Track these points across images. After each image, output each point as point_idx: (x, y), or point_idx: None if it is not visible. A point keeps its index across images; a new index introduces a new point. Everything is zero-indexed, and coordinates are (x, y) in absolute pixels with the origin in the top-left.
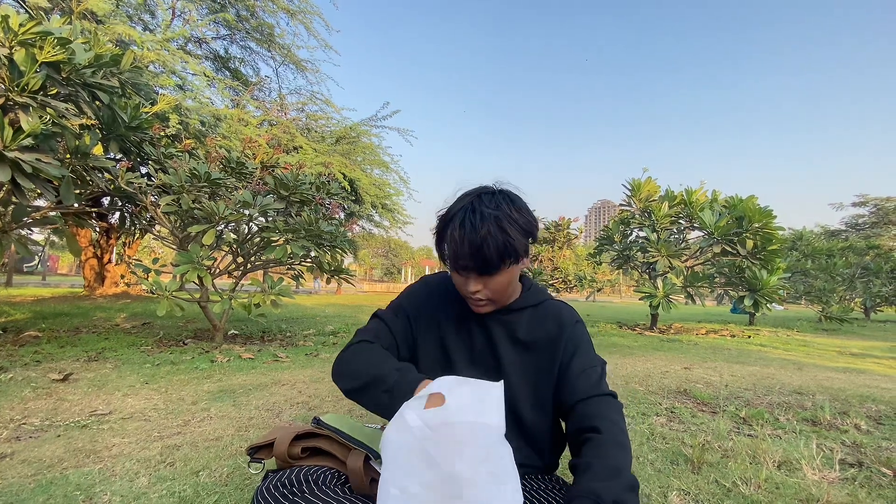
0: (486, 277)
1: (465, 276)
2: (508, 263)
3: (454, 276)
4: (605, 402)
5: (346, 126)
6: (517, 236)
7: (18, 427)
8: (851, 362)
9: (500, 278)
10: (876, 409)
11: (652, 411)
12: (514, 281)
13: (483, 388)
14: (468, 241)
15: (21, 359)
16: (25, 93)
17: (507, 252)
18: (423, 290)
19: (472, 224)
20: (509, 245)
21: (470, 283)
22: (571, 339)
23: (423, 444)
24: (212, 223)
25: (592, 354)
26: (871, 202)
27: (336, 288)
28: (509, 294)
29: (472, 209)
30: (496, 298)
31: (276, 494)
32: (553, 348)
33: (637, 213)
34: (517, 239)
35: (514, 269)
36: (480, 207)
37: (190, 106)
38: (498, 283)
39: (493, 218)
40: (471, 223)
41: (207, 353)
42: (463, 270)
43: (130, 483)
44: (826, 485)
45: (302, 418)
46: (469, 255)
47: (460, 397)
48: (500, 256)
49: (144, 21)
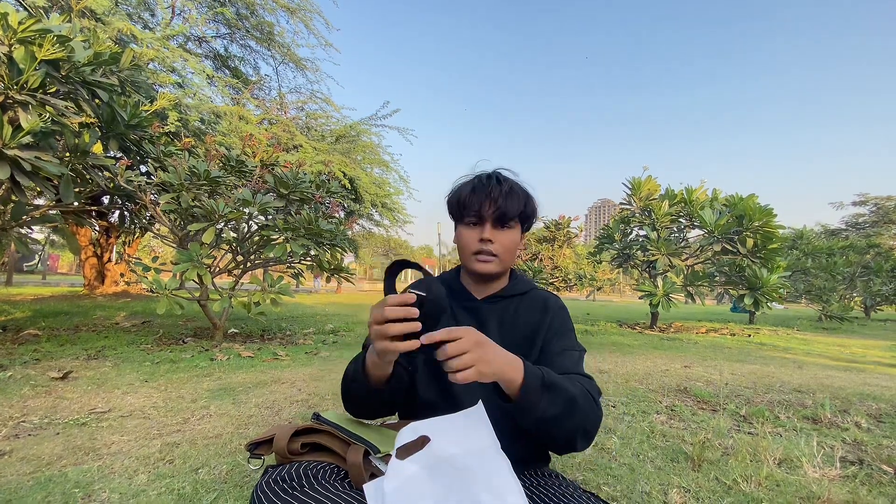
0: (498, 230)
1: (480, 227)
2: (519, 221)
3: (465, 231)
4: (583, 377)
5: (346, 125)
6: (530, 205)
7: (17, 425)
8: (852, 361)
9: (510, 234)
10: (876, 407)
11: (652, 409)
12: (516, 247)
13: (464, 416)
14: (495, 188)
15: (20, 357)
16: (25, 91)
17: (524, 207)
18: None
19: (497, 178)
20: (527, 204)
21: (485, 231)
22: (555, 322)
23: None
24: (211, 221)
25: (574, 339)
26: (871, 201)
27: (336, 287)
28: (510, 261)
29: (494, 172)
30: (503, 256)
31: (275, 489)
32: (537, 330)
33: (637, 212)
34: (529, 206)
35: (518, 233)
36: (501, 173)
37: (189, 103)
38: (507, 239)
39: (512, 181)
40: (497, 178)
41: (207, 351)
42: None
43: (129, 480)
44: (827, 482)
45: (301, 416)
46: (494, 200)
47: (445, 433)
48: (518, 208)
49: (144, 19)
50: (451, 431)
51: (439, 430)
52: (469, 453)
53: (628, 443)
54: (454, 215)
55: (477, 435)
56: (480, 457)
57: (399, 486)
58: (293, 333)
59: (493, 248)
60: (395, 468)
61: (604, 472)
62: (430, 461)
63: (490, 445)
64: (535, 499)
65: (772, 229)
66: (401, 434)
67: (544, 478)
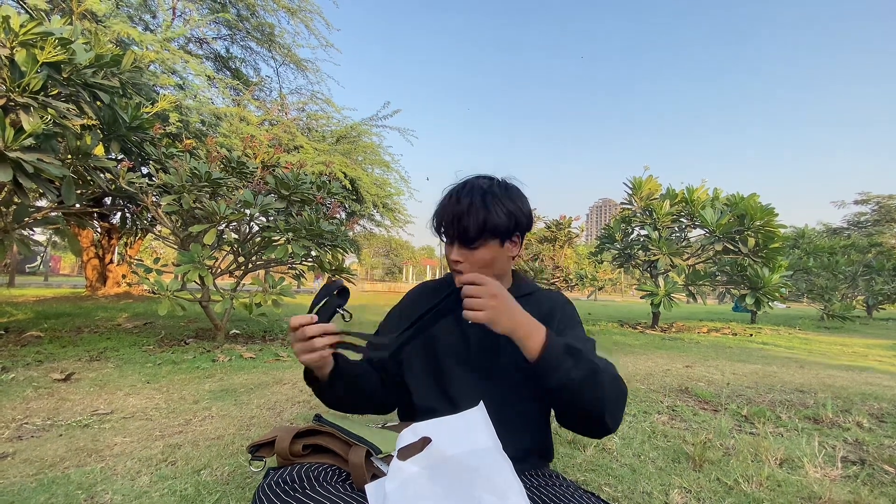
0: (466, 250)
1: (449, 245)
2: (487, 238)
3: (445, 247)
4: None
5: (347, 125)
6: (499, 215)
7: (20, 426)
8: (853, 360)
9: (481, 253)
10: (878, 406)
11: (653, 409)
12: (496, 262)
13: (464, 417)
14: (451, 209)
15: (23, 359)
16: (27, 93)
17: (485, 226)
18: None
19: (458, 195)
20: (488, 220)
21: (453, 252)
22: (563, 318)
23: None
24: (213, 223)
25: (582, 331)
26: (873, 200)
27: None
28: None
29: (464, 184)
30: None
31: (277, 491)
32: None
33: (638, 212)
34: (499, 217)
35: (495, 248)
36: (473, 183)
37: (190, 105)
38: (478, 258)
39: (479, 192)
40: (457, 194)
41: (209, 352)
42: (446, 238)
43: (132, 482)
44: (828, 482)
45: (303, 417)
46: (450, 222)
47: (446, 433)
48: (479, 229)
49: (145, 21)
50: (453, 432)
51: (440, 431)
52: (470, 454)
53: (629, 443)
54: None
55: (478, 436)
56: (482, 457)
57: (400, 486)
58: None
59: (462, 267)
60: (397, 468)
61: (605, 472)
62: (431, 461)
63: (492, 446)
64: (536, 499)
65: (773, 228)
66: (402, 435)
67: (545, 478)
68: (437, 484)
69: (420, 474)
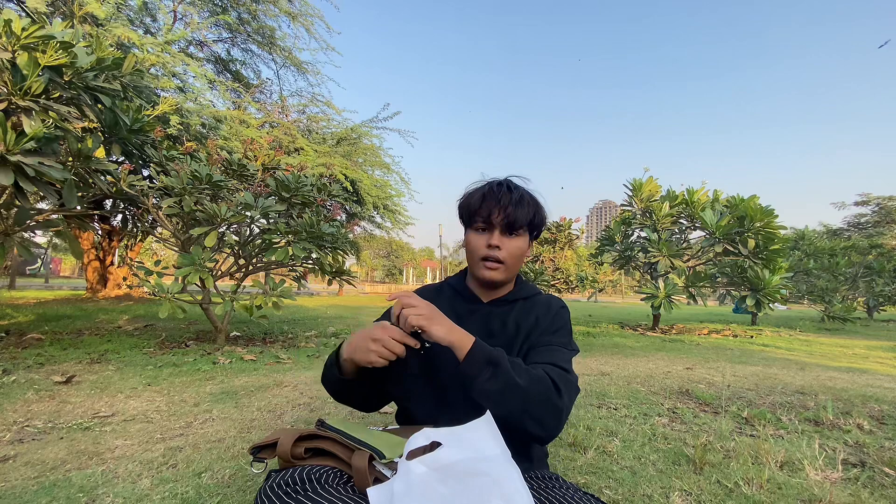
0: (506, 237)
1: (488, 234)
2: (527, 229)
3: (474, 237)
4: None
5: (348, 127)
6: (540, 213)
7: (21, 429)
8: (854, 362)
9: (518, 242)
10: (879, 408)
11: (654, 412)
12: (523, 254)
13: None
14: (505, 196)
15: (24, 361)
16: (28, 96)
17: (533, 216)
18: None
19: (508, 186)
20: (536, 214)
21: (493, 238)
22: (554, 320)
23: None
24: (213, 225)
25: (567, 338)
26: (873, 201)
27: (338, 289)
28: (516, 269)
29: (506, 180)
30: (509, 262)
31: (279, 493)
32: (536, 328)
33: (638, 214)
34: (539, 215)
35: (525, 241)
36: (512, 181)
37: (191, 108)
38: (514, 246)
39: (525, 189)
40: (507, 186)
41: (209, 354)
42: (486, 225)
43: (133, 485)
44: (829, 485)
45: (304, 420)
46: (503, 207)
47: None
48: (528, 216)
49: (146, 24)
50: (462, 439)
51: (450, 437)
52: (479, 459)
53: (630, 445)
54: (464, 220)
55: (487, 443)
56: (491, 463)
57: (408, 487)
58: (295, 336)
59: (501, 254)
60: (405, 469)
61: (605, 475)
62: (440, 464)
63: (500, 454)
64: (536, 501)
65: (773, 230)
66: (412, 439)
67: (545, 480)
68: (445, 485)
69: (428, 475)
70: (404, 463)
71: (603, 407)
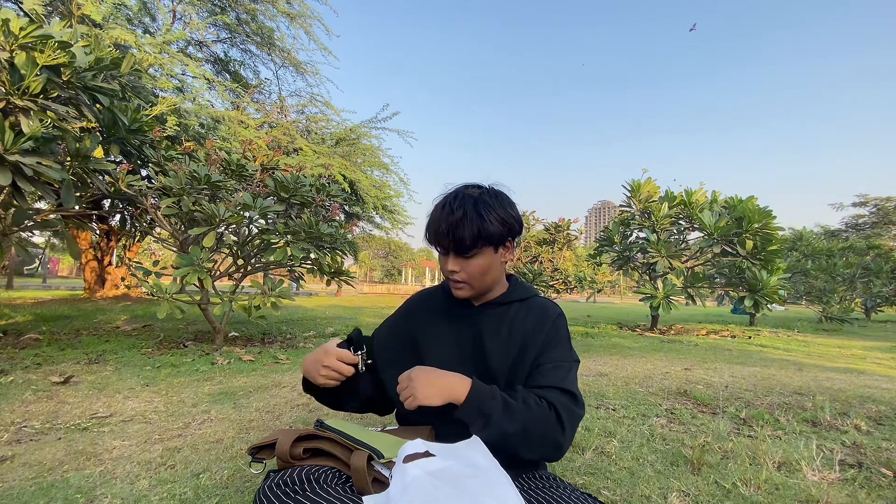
0: (462, 259)
1: (445, 257)
2: (481, 246)
3: (439, 257)
4: (564, 396)
5: (347, 128)
6: (493, 222)
7: (19, 430)
8: (852, 363)
9: (477, 261)
10: (876, 409)
11: (652, 412)
12: (491, 268)
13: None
14: (445, 219)
15: (21, 361)
16: (26, 96)
17: (480, 235)
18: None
19: (450, 206)
20: (483, 228)
21: (448, 262)
22: (551, 332)
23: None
24: (212, 225)
25: (567, 350)
26: (871, 202)
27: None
28: (487, 282)
29: (455, 194)
30: (472, 282)
31: (277, 493)
32: (533, 339)
33: (637, 214)
34: (493, 224)
35: (490, 255)
36: (462, 192)
37: (189, 108)
38: (474, 267)
39: (471, 202)
40: (450, 205)
41: (208, 355)
42: (441, 249)
43: (131, 486)
44: (826, 486)
45: (302, 420)
46: (445, 232)
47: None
48: (474, 238)
49: (145, 24)
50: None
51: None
52: (471, 466)
53: (628, 446)
54: None
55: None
56: (482, 470)
57: (403, 488)
58: (294, 337)
59: (460, 276)
60: (400, 471)
61: (603, 475)
62: (434, 467)
63: (491, 466)
64: (534, 501)
65: (771, 231)
66: (407, 446)
67: (542, 480)
68: (440, 487)
69: (423, 477)
70: (400, 466)
71: (601, 407)
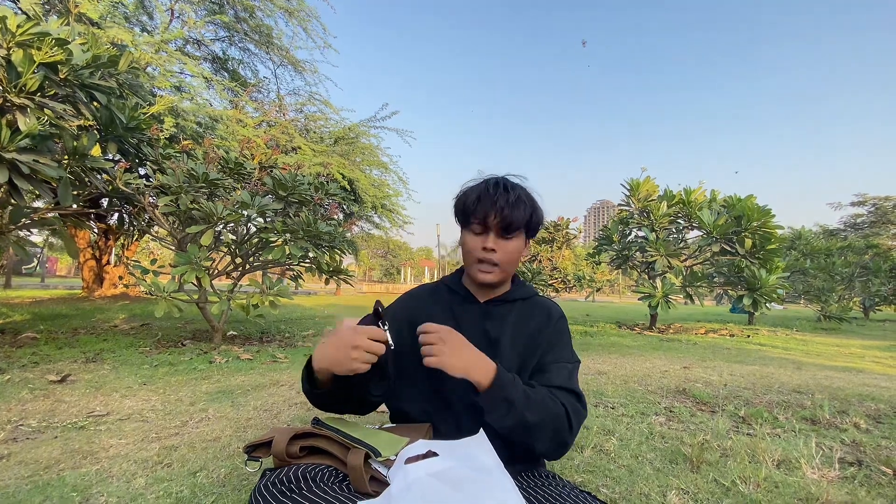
0: (502, 239)
1: (484, 236)
2: (523, 231)
3: (470, 238)
4: (572, 396)
5: (345, 127)
6: (537, 211)
7: (16, 428)
8: (850, 361)
9: (514, 244)
10: (875, 407)
11: (651, 411)
12: (519, 255)
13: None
14: (501, 197)
15: (19, 360)
16: (23, 94)
17: (530, 217)
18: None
19: (505, 186)
20: (533, 213)
21: (489, 241)
22: (555, 332)
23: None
24: (210, 224)
25: (570, 350)
26: (869, 201)
27: (335, 289)
28: (512, 270)
29: (503, 178)
30: (505, 265)
31: (274, 492)
32: (538, 339)
33: (636, 213)
34: (536, 215)
35: (523, 241)
36: (509, 179)
37: (187, 107)
38: (510, 248)
39: (521, 187)
40: (504, 186)
41: (206, 353)
42: (480, 227)
43: (127, 484)
44: (825, 483)
45: (300, 419)
46: (500, 209)
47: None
48: (524, 217)
49: (142, 22)
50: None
51: (446, 449)
52: (474, 468)
53: (627, 444)
54: (460, 220)
55: (482, 457)
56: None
57: (406, 487)
58: (292, 335)
59: (496, 257)
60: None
61: (602, 473)
62: (436, 468)
63: (494, 466)
64: (533, 499)
65: (770, 230)
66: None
67: (541, 479)
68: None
69: (426, 479)
70: (402, 467)
71: (600, 406)
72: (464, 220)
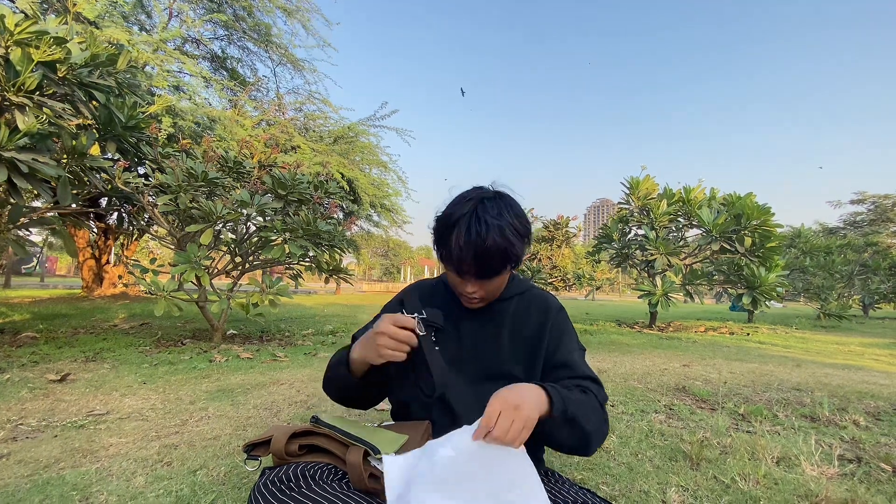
0: (484, 281)
1: (464, 279)
2: (508, 269)
3: (452, 276)
4: (594, 385)
5: (345, 126)
6: (518, 243)
7: (15, 428)
8: (850, 359)
9: (497, 282)
10: (874, 405)
11: (651, 408)
12: (504, 284)
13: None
14: (473, 249)
15: (18, 360)
16: (21, 92)
17: (508, 260)
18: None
19: (477, 233)
20: (511, 253)
21: (468, 285)
22: (556, 325)
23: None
24: (209, 223)
25: (575, 339)
26: (869, 199)
27: (335, 288)
28: (500, 292)
29: (476, 217)
30: (489, 298)
31: (273, 490)
32: (540, 333)
33: (635, 212)
34: (518, 246)
35: (507, 273)
36: (484, 215)
37: (185, 107)
38: (494, 285)
39: (496, 228)
40: (476, 231)
41: (205, 352)
42: (464, 274)
43: (127, 483)
44: (825, 480)
45: (300, 417)
46: (472, 261)
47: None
48: (503, 264)
49: (141, 21)
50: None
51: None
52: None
53: (627, 442)
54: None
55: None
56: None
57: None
58: (292, 334)
59: (479, 294)
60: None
61: (602, 471)
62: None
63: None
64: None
65: (770, 228)
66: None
67: (541, 476)
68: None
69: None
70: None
71: None
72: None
